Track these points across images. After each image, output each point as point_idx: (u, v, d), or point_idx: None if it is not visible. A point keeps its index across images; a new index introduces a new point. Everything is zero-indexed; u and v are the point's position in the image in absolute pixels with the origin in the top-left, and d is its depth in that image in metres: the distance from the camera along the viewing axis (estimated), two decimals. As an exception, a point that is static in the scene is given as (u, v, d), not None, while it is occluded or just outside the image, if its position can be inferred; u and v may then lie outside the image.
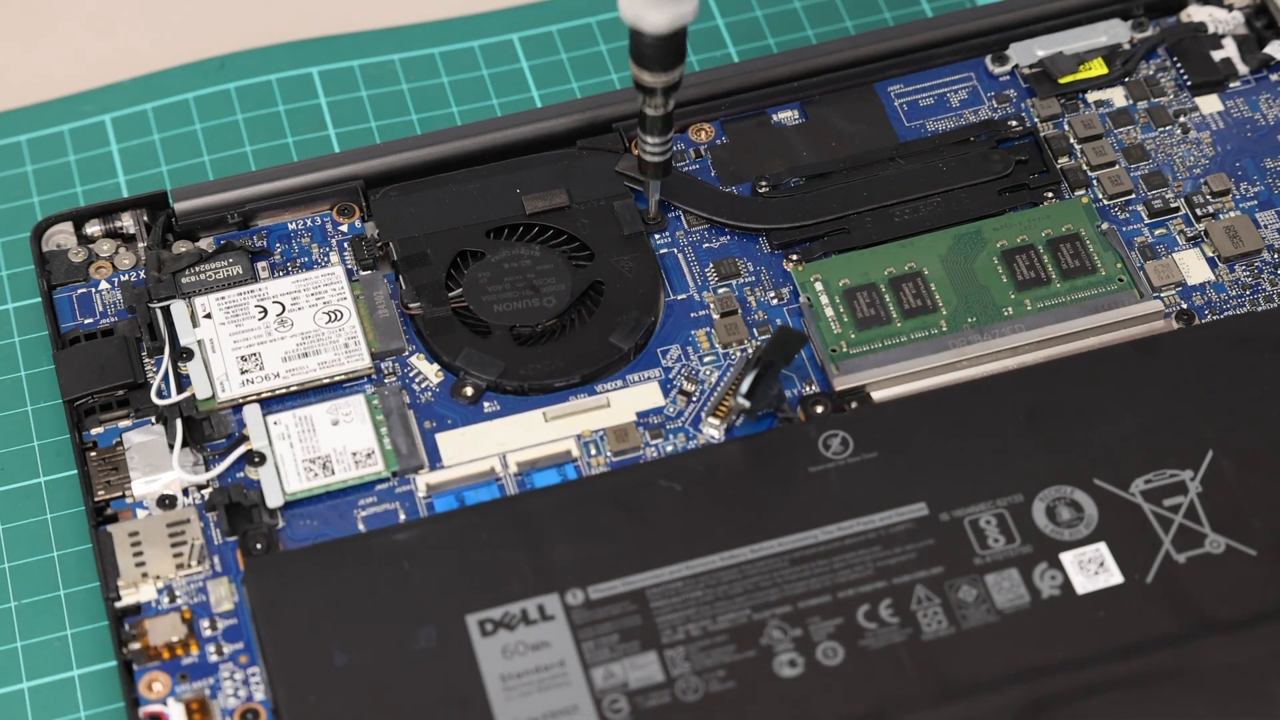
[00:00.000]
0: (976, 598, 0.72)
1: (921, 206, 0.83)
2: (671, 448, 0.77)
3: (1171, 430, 0.76)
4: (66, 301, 0.81)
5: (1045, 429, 0.76)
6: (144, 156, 0.89)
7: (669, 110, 0.78)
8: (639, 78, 0.76)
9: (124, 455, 0.77)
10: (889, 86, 0.87)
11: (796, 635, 0.71)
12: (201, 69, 0.92)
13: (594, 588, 0.72)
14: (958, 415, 0.76)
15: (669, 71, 0.76)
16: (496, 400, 0.79)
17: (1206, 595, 0.72)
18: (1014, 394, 0.77)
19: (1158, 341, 0.79)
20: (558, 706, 0.70)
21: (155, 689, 0.72)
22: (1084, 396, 0.77)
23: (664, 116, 0.78)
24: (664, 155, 0.80)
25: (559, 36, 0.93)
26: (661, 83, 0.76)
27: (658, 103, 0.77)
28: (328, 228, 0.83)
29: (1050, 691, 0.70)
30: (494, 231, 0.82)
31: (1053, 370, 0.78)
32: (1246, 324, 0.79)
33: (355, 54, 0.93)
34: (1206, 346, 0.78)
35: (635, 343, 0.80)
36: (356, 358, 0.79)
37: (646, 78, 0.76)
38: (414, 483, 0.77)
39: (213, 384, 0.78)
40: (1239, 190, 0.84)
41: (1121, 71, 0.87)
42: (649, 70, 0.76)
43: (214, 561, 0.75)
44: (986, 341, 0.79)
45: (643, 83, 0.76)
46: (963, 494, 0.74)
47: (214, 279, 0.81)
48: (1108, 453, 0.75)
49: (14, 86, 0.92)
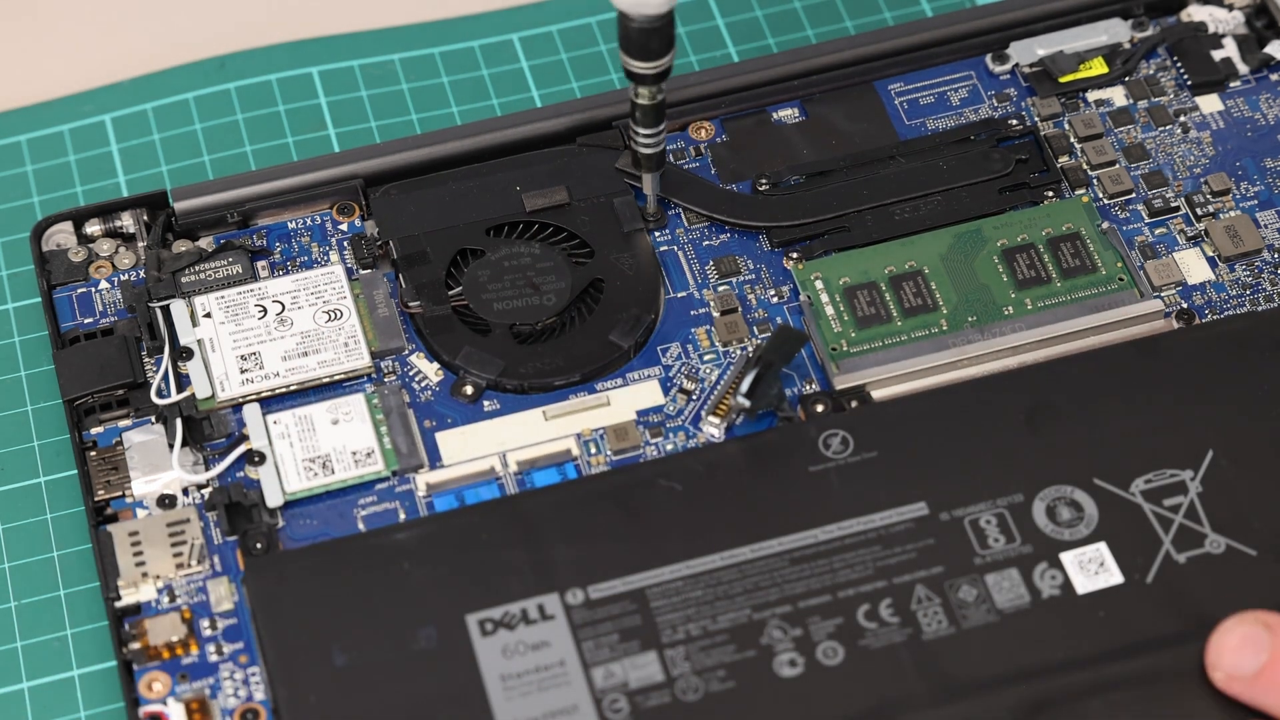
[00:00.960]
0: (976, 598, 0.72)
1: (922, 205, 0.83)
2: (671, 446, 0.77)
3: (1171, 430, 0.76)
4: (66, 301, 0.81)
5: (1045, 429, 0.76)
6: (144, 156, 0.89)
7: (661, 100, 0.78)
8: (629, 66, 0.76)
9: (124, 455, 0.77)
10: (889, 85, 0.87)
11: (796, 635, 0.71)
12: (201, 69, 0.92)
13: (594, 587, 0.72)
14: (958, 415, 0.76)
15: (660, 58, 0.76)
16: (496, 399, 0.79)
17: (1206, 595, 0.72)
18: (1014, 394, 0.77)
19: (1158, 341, 0.79)
20: (558, 706, 0.70)
21: (155, 689, 0.72)
22: (1084, 396, 0.77)
23: (656, 106, 0.78)
24: (658, 146, 0.80)
25: (559, 36, 0.93)
26: (653, 69, 0.76)
27: (649, 92, 0.77)
28: (327, 227, 0.83)
29: (1050, 691, 0.70)
30: (494, 229, 0.82)
31: (1053, 370, 0.78)
32: (1246, 324, 0.79)
33: (355, 54, 0.93)
34: (1206, 346, 0.78)
35: (635, 341, 0.80)
36: (356, 357, 0.79)
37: (637, 65, 0.76)
38: (414, 482, 0.77)
39: (212, 383, 0.78)
40: (1239, 190, 0.84)
41: (1122, 71, 0.87)
42: (639, 58, 0.76)
43: (214, 561, 0.75)
44: (987, 341, 0.79)
45: (634, 71, 0.76)
46: (963, 494, 0.74)
47: (214, 278, 0.81)
48: (1108, 452, 0.75)
49: (14, 86, 0.92)
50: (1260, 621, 0.69)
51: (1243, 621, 0.70)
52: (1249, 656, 0.69)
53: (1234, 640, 0.69)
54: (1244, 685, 0.69)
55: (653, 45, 0.75)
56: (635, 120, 0.79)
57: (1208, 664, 0.70)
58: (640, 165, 0.81)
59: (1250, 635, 0.69)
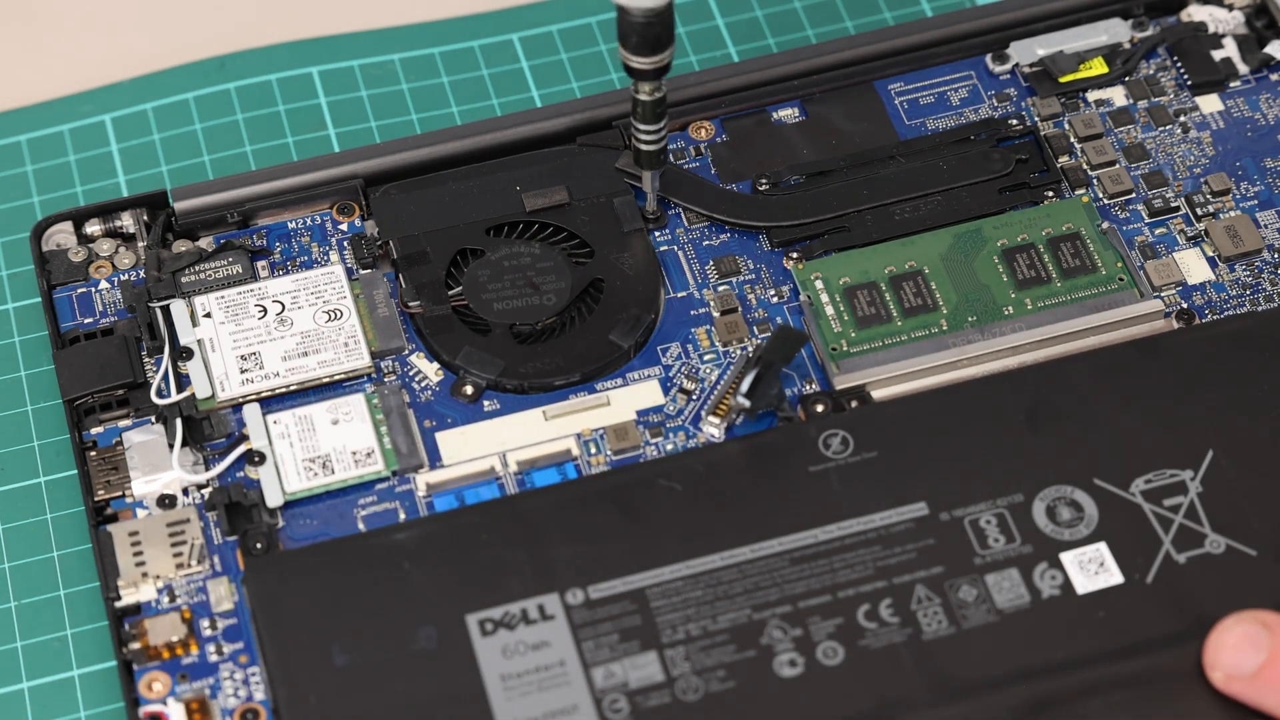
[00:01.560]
0: (976, 598, 0.72)
1: (922, 205, 0.83)
2: (671, 446, 0.77)
3: (1171, 430, 0.76)
4: (66, 301, 0.81)
5: (1045, 429, 0.76)
6: (144, 156, 0.89)
7: (661, 96, 0.78)
8: (629, 62, 0.76)
9: (124, 455, 0.77)
10: (889, 85, 0.87)
11: (796, 635, 0.71)
12: (201, 69, 0.92)
13: (594, 587, 0.72)
14: (958, 415, 0.76)
15: (659, 53, 0.76)
16: (496, 399, 0.79)
17: (1206, 595, 0.72)
18: (1014, 394, 0.77)
19: (1158, 341, 0.79)
20: (558, 706, 0.70)
21: (155, 689, 0.72)
22: (1084, 396, 0.77)
23: (656, 102, 0.78)
24: (659, 144, 0.80)
25: (559, 36, 0.93)
26: (652, 64, 0.76)
27: (650, 88, 0.77)
28: (327, 226, 0.83)
29: (1050, 691, 0.70)
30: (494, 229, 0.82)
31: (1053, 370, 0.78)
32: (1246, 324, 0.79)
33: (355, 54, 0.92)
34: (1206, 346, 0.78)
35: (635, 341, 0.80)
36: (356, 357, 0.79)
37: (637, 61, 0.76)
38: (414, 482, 0.77)
39: (212, 383, 0.78)
40: (1239, 190, 0.84)
41: (1122, 71, 0.87)
42: (639, 53, 0.76)
43: (214, 561, 0.75)
44: (987, 340, 0.79)
45: (634, 67, 0.76)
46: (963, 493, 0.74)
47: (214, 278, 0.81)
48: (1108, 452, 0.75)
49: (14, 86, 0.92)
50: (1259, 621, 0.69)
51: (1241, 620, 0.70)
52: (1248, 655, 0.69)
53: (1233, 639, 0.69)
54: (1243, 684, 0.69)
55: (651, 39, 0.75)
56: (636, 117, 0.79)
57: (1206, 663, 0.70)
58: (641, 163, 0.81)
59: (1249, 634, 0.69)
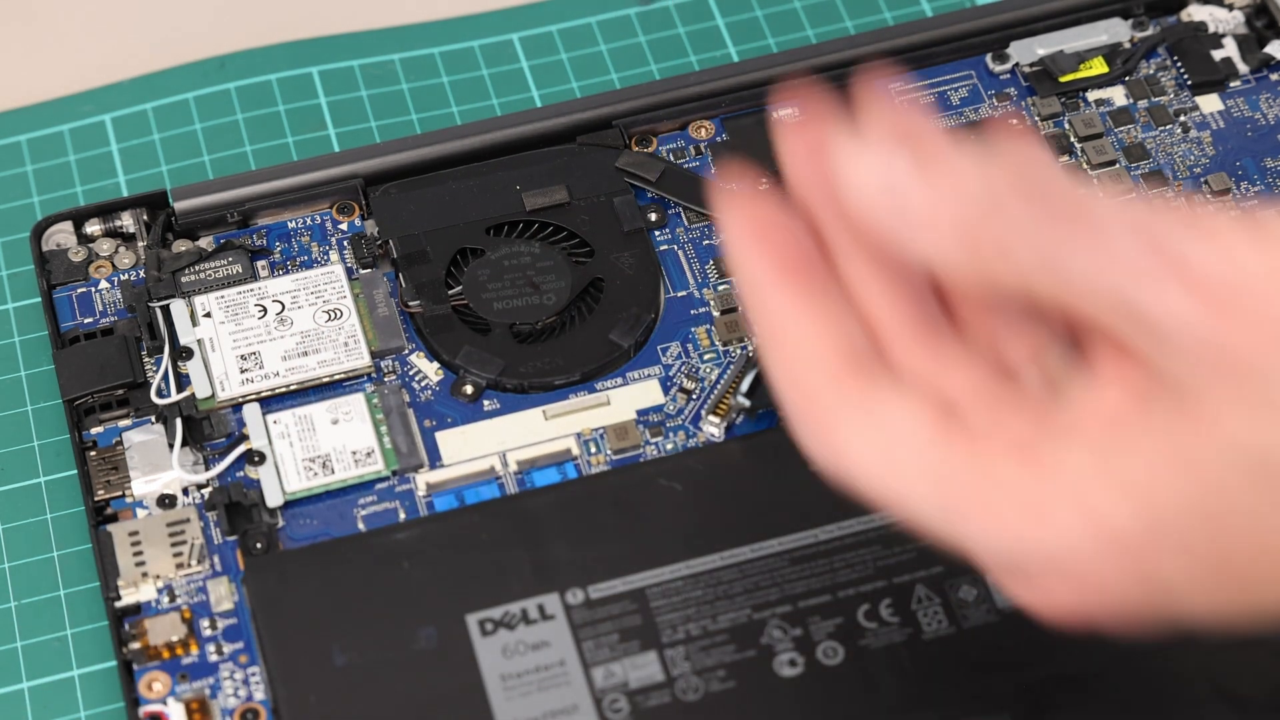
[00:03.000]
0: (976, 598, 0.72)
1: (922, 205, 0.83)
2: (672, 446, 0.77)
3: (1172, 429, 0.76)
4: (66, 301, 0.81)
5: (1045, 428, 0.76)
6: (144, 156, 0.89)
7: None
8: None
9: (124, 455, 0.77)
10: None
11: (796, 635, 0.71)
12: (201, 69, 0.92)
13: (594, 587, 0.72)
14: (958, 414, 0.76)
15: None
16: (496, 398, 0.79)
17: (1207, 594, 0.72)
18: (1014, 393, 0.77)
19: (1158, 340, 0.78)
20: (558, 706, 0.70)
21: (155, 689, 0.72)
22: (1084, 395, 0.76)
23: None
24: None
25: (559, 36, 0.93)
26: None
27: None
28: (327, 226, 0.83)
29: (1050, 692, 0.70)
30: (494, 229, 0.82)
31: (1053, 369, 0.78)
32: (1247, 323, 0.79)
33: (355, 54, 0.92)
34: (1207, 345, 0.78)
35: (635, 340, 0.80)
36: (356, 356, 0.79)
37: None
38: (414, 481, 0.77)
39: (212, 383, 0.78)
40: (1239, 190, 0.84)
41: (1122, 70, 0.87)
42: None
43: (214, 561, 0.75)
44: (987, 340, 0.79)
45: None
46: (963, 493, 0.74)
47: (213, 278, 0.81)
48: (1108, 452, 0.75)
49: (14, 86, 0.92)
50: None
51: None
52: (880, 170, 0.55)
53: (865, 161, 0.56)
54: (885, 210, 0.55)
55: None
56: None
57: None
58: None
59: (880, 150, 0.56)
